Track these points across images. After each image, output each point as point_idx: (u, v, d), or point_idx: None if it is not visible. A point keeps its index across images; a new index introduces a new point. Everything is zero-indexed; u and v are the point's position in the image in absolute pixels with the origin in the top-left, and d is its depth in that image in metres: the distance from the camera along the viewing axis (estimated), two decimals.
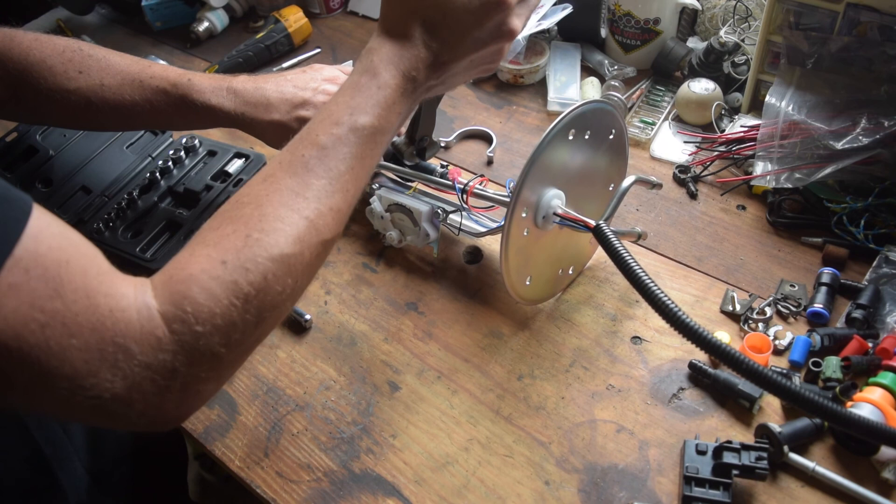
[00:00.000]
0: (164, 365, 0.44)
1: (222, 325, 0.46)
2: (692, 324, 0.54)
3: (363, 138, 0.55)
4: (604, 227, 0.63)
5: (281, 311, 0.51)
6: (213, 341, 0.45)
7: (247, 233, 0.49)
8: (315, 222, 0.51)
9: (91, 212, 0.91)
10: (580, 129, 0.68)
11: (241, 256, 0.47)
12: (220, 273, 0.46)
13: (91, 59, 0.77)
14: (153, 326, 0.44)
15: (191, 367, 0.45)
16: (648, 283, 0.57)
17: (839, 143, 0.77)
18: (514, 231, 0.67)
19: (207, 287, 0.46)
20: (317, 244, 0.52)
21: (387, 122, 0.57)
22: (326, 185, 0.53)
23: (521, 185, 0.65)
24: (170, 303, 0.45)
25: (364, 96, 0.56)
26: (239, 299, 0.46)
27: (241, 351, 0.49)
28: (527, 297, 0.74)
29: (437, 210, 0.79)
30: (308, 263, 0.51)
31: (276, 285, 0.48)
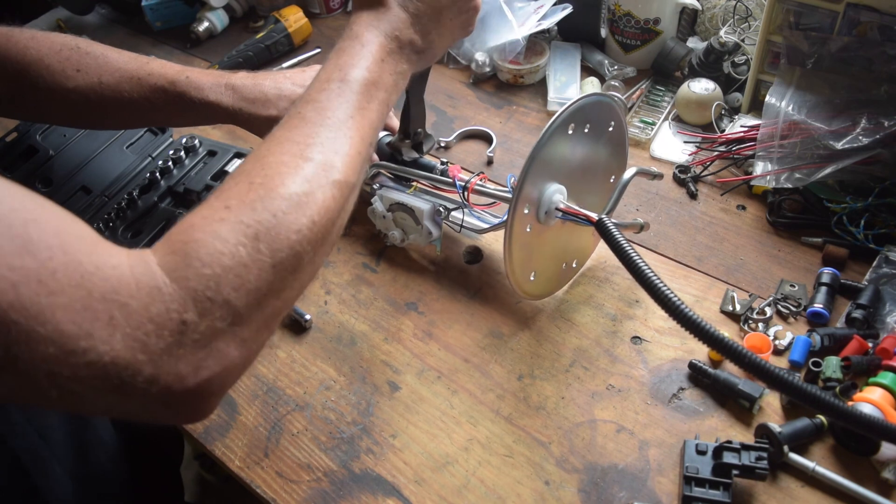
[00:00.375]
0: (170, 316, 0.40)
1: (232, 265, 0.43)
2: (695, 317, 0.54)
3: (358, 89, 0.55)
4: (606, 221, 0.63)
5: (300, 257, 0.47)
6: (224, 285, 0.42)
7: (250, 180, 0.47)
8: (322, 163, 0.50)
9: (91, 212, 0.91)
10: (580, 122, 0.68)
11: (245, 199, 0.46)
12: (224, 216, 0.44)
13: (89, 57, 0.77)
14: (151, 277, 0.41)
15: (203, 317, 0.41)
16: (651, 276, 0.58)
17: (839, 143, 0.77)
18: (517, 227, 0.67)
19: (211, 230, 0.43)
20: (328, 185, 0.49)
21: (378, 76, 0.57)
22: (326, 132, 0.52)
23: (522, 180, 0.65)
24: (171, 252, 0.43)
25: (349, 55, 0.57)
26: (248, 237, 0.44)
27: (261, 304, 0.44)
28: (531, 293, 0.74)
29: (439, 208, 0.79)
30: (323, 205, 0.48)
31: (290, 223, 0.46)
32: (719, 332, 0.54)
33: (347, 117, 0.54)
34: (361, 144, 0.54)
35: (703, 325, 0.54)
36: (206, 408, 0.45)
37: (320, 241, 0.49)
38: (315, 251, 0.48)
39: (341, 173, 0.51)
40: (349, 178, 0.52)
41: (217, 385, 0.43)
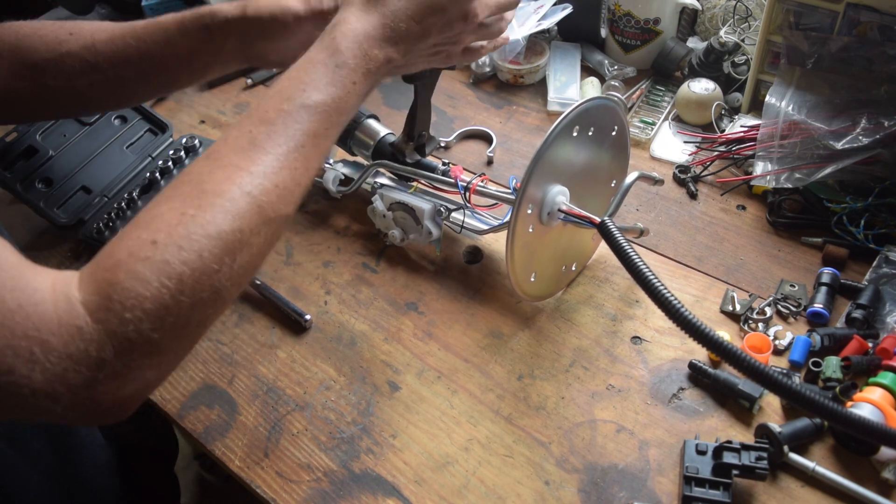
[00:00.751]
0: (89, 355, 0.42)
1: (153, 308, 0.43)
2: (694, 320, 0.54)
3: (316, 116, 0.53)
4: (608, 224, 0.63)
5: (222, 294, 0.47)
6: (144, 327, 0.43)
7: (182, 210, 0.46)
8: (258, 199, 0.48)
9: (91, 212, 0.91)
10: (584, 125, 0.68)
11: (173, 234, 0.45)
12: (150, 254, 0.44)
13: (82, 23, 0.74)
14: (73, 317, 0.42)
15: (121, 356, 0.43)
16: (652, 278, 0.57)
17: (839, 143, 0.77)
18: (520, 227, 0.67)
19: (134, 271, 0.43)
20: (259, 222, 0.49)
21: (344, 101, 0.55)
22: (273, 161, 0.50)
23: (526, 180, 0.65)
24: (94, 292, 0.43)
25: (319, 73, 0.54)
26: (171, 280, 0.44)
27: (180, 336, 0.46)
28: (531, 293, 0.74)
29: (440, 208, 0.79)
30: (249, 243, 0.48)
31: (213, 264, 0.45)
32: (719, 336, 0.53)
33: (298, 146, 0.52)
34: (305, 175, 0.53)
35: (703, 329, 0.54)
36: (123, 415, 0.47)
37: (242, 276, 0.49)
38: (237, 284, 0.49)
39: (275, 210, 0.50)
40: (283, 211, 0.51)
41: (133, 401, 0.46)
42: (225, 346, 0.77)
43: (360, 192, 0.88)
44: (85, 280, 0.44)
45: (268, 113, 0.52)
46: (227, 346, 0.78)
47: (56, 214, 0.90)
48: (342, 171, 0.89)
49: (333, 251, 0.86)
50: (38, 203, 0.89)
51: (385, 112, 1.05)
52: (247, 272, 0.49)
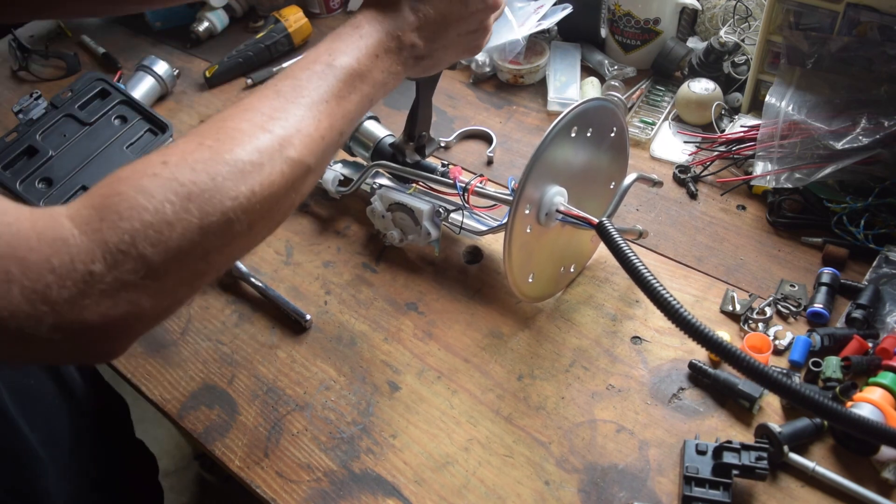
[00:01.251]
0: (75, 266, 0.39)
1: (153, 221, 0.40)
2: (694, 321, 0.54)
3: (341, 76, 0.54)
4: (607, 224, 0.63)
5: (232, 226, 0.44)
6: (141, 239, 0.40)
7: (200, 140, 0.45)
8: (281, 138, 0.48)
9: None
10: (582, 126, 0.68)
11: (187, 157, 0.43)
12: (159, 171, 0.42)
13: None
14: (56, 231, 0.39)
15: (111, 269, 0.39)
16: (651, 279, 0.57)
17: (839, 143, 0.77)
18: (518, 227, 0.67)
19: (138, 184, 0.41)
20: (280, 161, 0.47)
21: (367, 68, 0.56)
22: (296, 110, 0.50)
23: (524, 181, 0.65)
24: (87, 206, 0.41)
25: (345, 41, 0.56)
26: (178, 196, 0.41)
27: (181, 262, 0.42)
28: (529, 294, 0.74)
29: (439, 209, 0.79)
30: (269, 179, 0.46)
31: (228, 189, 0.43)
32: (718, 337, 0.53)
33: (322, 100, 0.52)
34: (329, 131, 0.52)
35: (702, 330, 0.54)
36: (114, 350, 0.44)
37: (258, 213, 0.46)
38: (251, 223, 0.46)
39: (297, 151, 0.49)
40: (305, 158, 0.50)
41: (125, 330, 0.42)
42: (225, 346, 0.77)
43: (359, 192, 0.88)
44: (78, 201, 0.42)
45: (294, 71, 0.53)
46: (227, 346, 0.78)
47: None
48: (342, 171, 0.89)
49: (333, 251, 0.86)
50: (38, 203, 0.89)
51: (385, 112, 1.05)
52: (263, 215, 0.47)
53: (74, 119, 0.96)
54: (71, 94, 0.97)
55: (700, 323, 0.54)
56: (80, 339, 0.41)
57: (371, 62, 0.56)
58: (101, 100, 0.99)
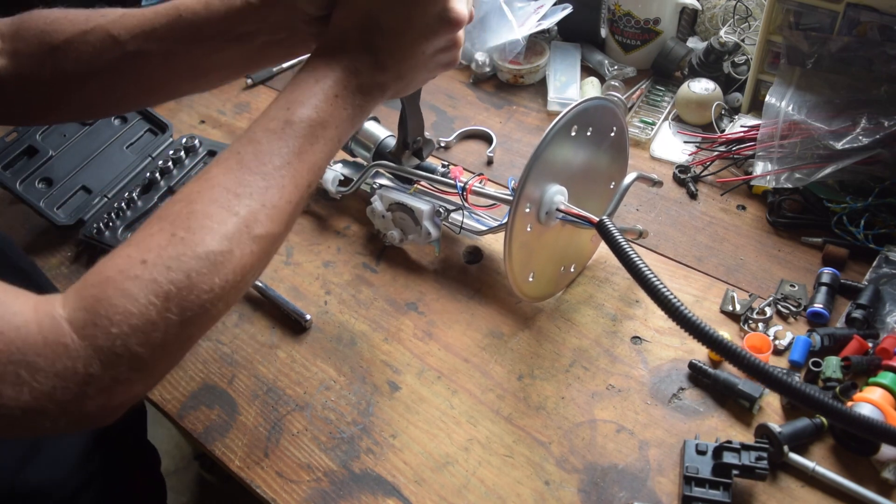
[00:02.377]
0: (77, 372, 0.43)
1: (140, 324, 0.44)
2: (694, 319, 0.54)
3: (301, 131, 0.53)
4: (607, 223, 0.63)
5: (210, 312, 0.48)
6: (131, 342, 0.44)
7: (172, 231, 0.47)
8: (247, 219, 0.49)
9: (91, 212, 0.91)
10: (582, 125, 0.68)
11: (163, 255, 0.46)
12: (139, 272, 0.45)
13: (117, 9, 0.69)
14: (59, 335, 0.43)
15: (108, 370, 0.44)
16: (652, 277, 0.57)
17: (839, 143, 0.77)
18: (518, 226, 0.67)
19: (123, 287, 0.44)
20: (247, 241, 0.49)
21: (328, 114, 0.55)
22: (260, 181, 0.51)
23: (524, 179, 0.65)
24: (81, 308, 0.44)
25: (301, 89, 0.55)
26: (159, 298, 0.45)
27: (167, 352, 0.47)
28: (529, 294, 0.74)
29: (439, 209, 0.79)
30: (240, 263, 0.49)
31: (202, 284, 0.46)
32: (719, 334, 0.53)
33: (285, 163, 0.52)
34: (295, 192, 0.53)
35: (702, 327, 0.54)
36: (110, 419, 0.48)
37: (232, 296, 0.50)
38: (226, 305, 0.50)
39: (265, 227, 0.50)
40: (272, 230, 0.51)
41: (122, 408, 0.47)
42: (225, 346, 0.77)
43: (359, 192, 0.88)
44: (71, 297, 0.45)
45: (255, 133, 0.53)
46: (227, 346, 0.78)
47: (56, 214, 0.90)
48: (342, 171, 0.89)
49: (333, 251, 0.86)
50: (38, 203, 0.89)
51: (385, 112, 1.05)
52: (236, 290, 0.50)
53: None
54: None
55: (701, 321, 0.54)
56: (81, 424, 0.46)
57: (332, 106, 0.55)
58: None
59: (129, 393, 0.46)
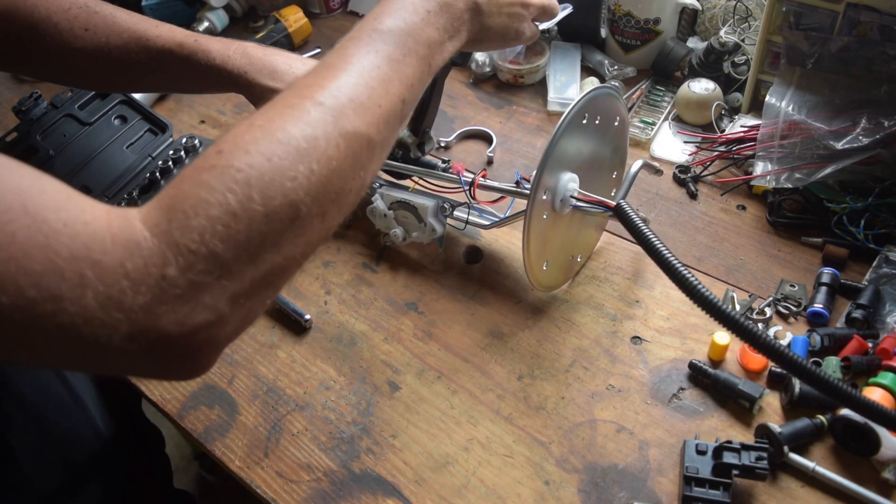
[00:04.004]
0: (149, 272, 0.38)
1: (219, 215, 0.39)
2: (712, 298, 0.55)
3: (391, 38, 0.51)
4: (625, 206, 0.64)
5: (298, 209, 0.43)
6: (210, 236, 0.39)
7: (250, 122, 0.44)
8: (333, 109, 0.46)
9: None
10: (592, 113, 0.69)
11: (240, 141, 0.42)
12: (215, 161, 0.41)
13: (97, 17, 0.75)
14: (129, 233, 0.38)
15: (186, 272, 0.38)
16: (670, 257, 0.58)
17: (839, 143, 0.77)
18: (536, 213, 0.68)
19: (199, 179, 0.40)
20: (334, 133, 0.45)
21: (420, 28, 0.53)
22: (346, 78, 0.48)
23: (542, 166, 0.65)
24: (156, 207, 0.40)
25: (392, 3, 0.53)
26: (238, 184, 0.40)
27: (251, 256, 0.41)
28: (543, 282, 0.75)
29: (443, 205, 0.79)
30: (326, 154, 0.44)
31: (286, 170, 0.42)
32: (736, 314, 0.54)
33: (373, 66, 0.49)
34: (386, 97, 0.49)
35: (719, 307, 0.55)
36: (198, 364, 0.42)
37: (322, 193, 0.44)
38: (317, 204, 0.44)
39: (352, 123, 0.46)
40: (362, 129, 0.47)
41: (206, 340, 0.41)
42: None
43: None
44: (148, 204, 0.41)
45: (343, 43, 0.51)
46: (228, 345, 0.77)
47: None
48: None
49: (333, 251, 0.86)
50: None
51: None
52: (328, 195, 0.45)
53: (74, 119, 0.96)
54: (71, 94, 0.97)
55: (717, 299, 0.55)
56: (159, 351, 0.39)
57: (422, 20, 0.53)
58: (101, 100, 0.99)
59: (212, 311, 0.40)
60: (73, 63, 0.76)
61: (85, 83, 0.85)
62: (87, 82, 0.83)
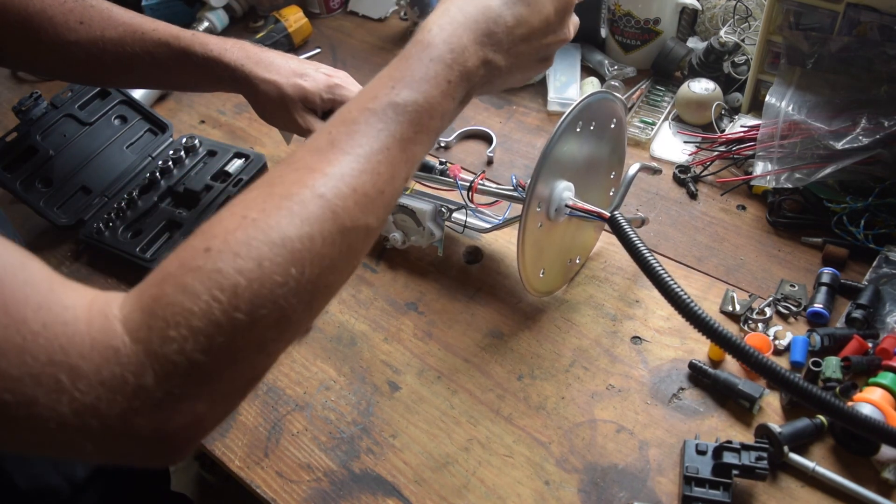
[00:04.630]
0: (126, 381, 0.36)
1: (201, 326, 0.37)
2: (703, 314, 0.55)
3: (405, 116, 0.46)
4: (619, 218, 0.64)
5: (286, 313, 0.40)
6: (190, 347, 0.37)
7: (243, 213, 0.40)
8: (332, 202, 0.42)
9: (91, 212, 0.91)
10: (586, 120, 0.69)
11: (230, 240, 0.39)
12: (202, 263, 0.38)
13: (93, 10, 0.75)
14: (108, 337, 0.37)
15: (163, 382, 0.37)
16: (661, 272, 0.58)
17: (839, 143, 0.77)
18: (530, 224, 0.68)
19: (183, 282, 0.38)
20: (333, 230, 0.42)
21: (436, 102, 0.48)
22: (351, 163, 0.44)
23: (535, 180, 0.65)
24: (137, 309, 0.38)
25: (412, 69, 0.48)
26: (224, 292, 0.37)
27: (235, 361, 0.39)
28: (540, 289, 0.75)
29: (441, 209, 0.79)
30: (321, 254, 0.41)
31: (276, 275, 0.39)
32: (727, 331, 0.54)
33: (383, 148, 0.45)
34: (391, 183, 0.46)
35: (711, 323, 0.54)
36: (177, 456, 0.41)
37: (313, 292, 0.42)
38: (306, 304, 0.41)
39: (353, 217, 0.43)
40: (361, 221, 0.44)
41: (185, 439, 0.39)
42: None
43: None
44: (130, 297, 0.39)
45: (351, 113, 0.47)
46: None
47: (56, 214, 0.90)
48: None
49: None
50: (38, 203, 0.89)
51: None
52: (319, 291, 0.42)
53: (74, 119, 0.96)
54: (71, 94, 0.97)
55: (708, 315, 0.55)
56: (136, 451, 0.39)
57: (441, 93, 0.48)
58: (101, 100, 0.99)
59: (190, 415, 0.38)
60: (68, 56, 0.75)
61: (79, 77, 0.85)
62: (82, 76, 0.83)
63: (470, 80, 0.51)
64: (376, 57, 1.18)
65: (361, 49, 1.20)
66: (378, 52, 1.19)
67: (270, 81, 0.76)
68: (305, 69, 0.79)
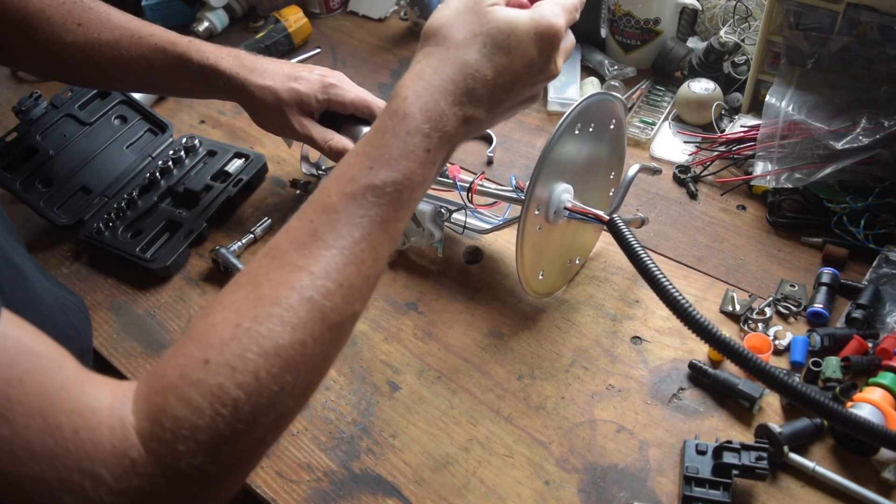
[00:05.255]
0: (142, 490, 0.38)
1: (207, 439, 0.39)
2: (701, 318, 0.55)
3: (385, 197, 0.46)
4: (617, 221, 0.64)
5: (284, 414, 0.43)
6: (199, 460, 0.39)
7: (236, 322, 0.42)
8: (320, 304, 0.44)
9: (91, 212, 0.91)
10: (585, 122, 0.69)
11: (225, 352, 0.41)
12: (202, 376, 0.40)
13: (91, 12, 0.76)
14: (127, 446, 0.38)
15: (175, 489, 0.39)
16: (660, 276, 0.58)
17: (839, 143, 0.77)
18: (529, 228, 0.68)
19: (187, 397, 0.39)
20: (323, 329, 0.44)
21: (416, 176, 0.48)
22: (336, 257, 0.45)
23: (533, 183, 0.65)
24: (146, 417, 0.40)
25: (388, 144, 0.47)
26: (226, 407, 0.40)
27: (239, 464, 0.42)
28: (539, 291, 0.75)
29: (441, 209, 0.79)
30: (313, 354, 0.43)
31: (272, 385, 0.41)
32: (725, 335, 0.54)
33: (365, 234, 0.46)
34: (374, 267, 0.47)
35: (709, 328, 0.54)
36: None
37: (306, 390, 0.44)
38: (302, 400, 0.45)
39: (342, 312, 0.45)
40: (348, 312, 0.46)
41: None
42: None
43: None
44: (139, 399, 0.41)
45: (330, 197, 0.46)
46: None
47: (56, 214, 0.90)
48: None
49: None
50: (38, 203, 0.89)
51: None
52: (313, 384, 0.45)
53: (74, 119, 0.96)
54: (71, 94, 0.97)
55: (706, 320, 0.55)
56: None
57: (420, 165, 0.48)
58: (101, 100, 0.99)
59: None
60: (64, 57, 0.75)
61: (74, 79, 0.85)
62: (78, 78, 0.83)
63: (451, 141, 0.50)
64: (376, 57, 1.18)
65: (361, 49, 1.20)
66: (378, 52, 1.19)
67: (266, 87, 0.77)
68: (299, 72, 0.79)
